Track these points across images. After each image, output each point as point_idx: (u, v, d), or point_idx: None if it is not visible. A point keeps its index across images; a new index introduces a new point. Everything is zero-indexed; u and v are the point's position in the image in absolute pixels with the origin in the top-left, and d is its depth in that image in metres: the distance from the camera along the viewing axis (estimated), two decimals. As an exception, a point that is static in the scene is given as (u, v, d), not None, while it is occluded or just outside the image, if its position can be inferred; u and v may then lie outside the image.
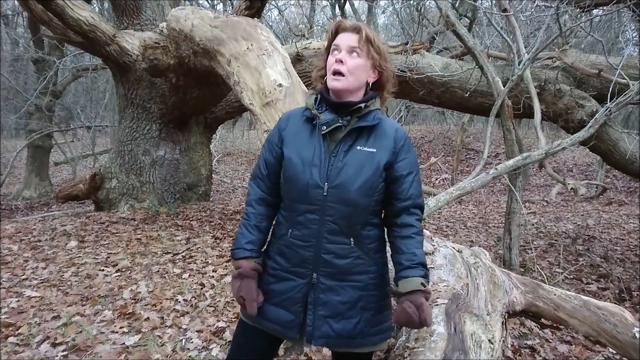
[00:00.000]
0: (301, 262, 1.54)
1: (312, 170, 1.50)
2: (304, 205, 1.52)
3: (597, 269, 4.99)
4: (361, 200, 1.50)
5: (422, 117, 22.46)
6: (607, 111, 4.13)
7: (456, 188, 3.64)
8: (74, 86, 16.38)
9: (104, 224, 5.58)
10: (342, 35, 1.54)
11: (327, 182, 1.49)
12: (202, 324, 3.09)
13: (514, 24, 4.71)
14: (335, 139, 1.53)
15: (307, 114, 1.58)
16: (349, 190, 1.48)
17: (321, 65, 1.62)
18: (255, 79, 3.54)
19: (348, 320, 1.54)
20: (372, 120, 1.53)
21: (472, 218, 7.95)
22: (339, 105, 1.54)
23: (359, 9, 16.39)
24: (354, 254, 1.53)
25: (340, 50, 1.52)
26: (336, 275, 1.53)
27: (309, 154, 1.52)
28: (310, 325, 1.54)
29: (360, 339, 1.56)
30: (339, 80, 1.50)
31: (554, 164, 12.97)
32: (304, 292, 1.55)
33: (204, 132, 7.19)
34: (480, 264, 2.44)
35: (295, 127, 1.59)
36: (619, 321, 2.20)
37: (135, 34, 6.04)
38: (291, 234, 1.55)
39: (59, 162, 14.01)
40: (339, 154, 1.51)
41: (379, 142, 1.53)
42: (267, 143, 1.64)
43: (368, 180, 1.50)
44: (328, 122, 1.52)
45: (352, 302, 1.54)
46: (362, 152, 1.51)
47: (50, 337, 2.84)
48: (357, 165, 1.49)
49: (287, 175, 1.55)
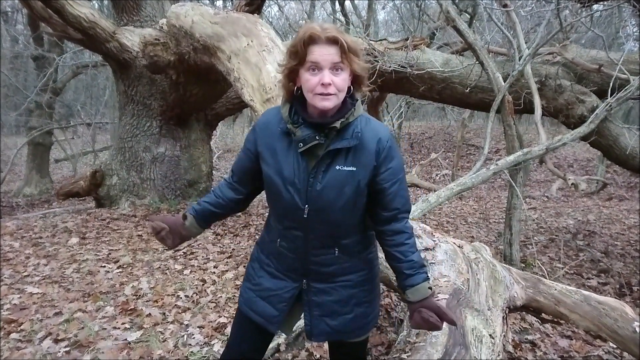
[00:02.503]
0: (291, 269, 1.59)
1: (291, 192, 1.45)
2: (288, 222, 1.53)
3: (598, 264, 5.00)
4: (344, 218, 1.49)
5: (423, 113, 22.46)
6: (607, 106, 4.13)
7: (457, 184, 3.65)
8: (74, 83, 16.37)
9: (105, 221, 5.59)
10: (316, 48, 1.35)
11: (308, 205, 1.45)
12: (203, 320, 3.10)
13: (515, 19, 4.70)
14: (313, 155, 1.44)
15: (282, 127, 1.47)
16: (331, 212, 1.46)
17: (288, 73, 1.44)
18: (255, 76, 3.53)
19: (343, 316, 1.59)
20: (351, 138, 1.42)
21: (473, 214, 7.95)
22: (309, 122, 1.43)
23: (359, 5, 16.32)
24: (339, 260, 1.55)
25: (321, 68, 1.35)
26: (326, 279, 1.57)
27: (289, 173, 1.45)
28: (308, 324, 1.61)
29: (357, 331, 1.63)
30: (329, 99, 1.37)
31: (554, 159, 12.97)
32: (292, 294, 1.59)
33: (205, 129, 7.19)
34: (481, 259, 2.45)
35: (272, 139, 1.49)
36: (619, 316, 2.21)
37: (135, 30, 6.03)
38: (279, 243, 1.58)
39: (59, 159, 14.02)
40: (317, 174, 1.43)
41: (359, 160, 1.43)
42: (245, 144, 1.58)
43: (349, 200, 1.45)
44: (305, 139, 1.41)
45: (344, 300, 1.58)
46: (341, 172, 1.43)
47: (53, 333, 2.85)
48: (338, 185, 1.43)
49: (270, 192, 1.53)
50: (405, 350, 1.78)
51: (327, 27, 1.37)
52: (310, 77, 1.37)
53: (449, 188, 3.57)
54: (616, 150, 5.02)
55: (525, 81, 4.78)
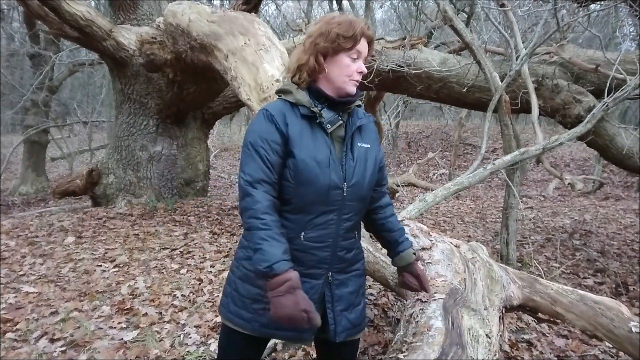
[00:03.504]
0: (317, 263, 1.51)
1: (330, 172, 1.46)
2: (321, 206, 1.47)
3: (594, 263, 5.01)
4: (369, 194, 1.59)
5: (420, 112, 22.49)
6: (604, 106, 4.14)
7: (454, 183, 3.65)
8: (70, 81, 16.32)
9: (101, 220, 5.57)
10: (362, 42, 1.51)
11: (346, 182, 1.49)
12: (200, 319, 3.10)
13: (512, 19, 4.70)
14: (336, 137, 1.52)
15: (304, 112, 1.47)
16: (362, 187, 1.53)
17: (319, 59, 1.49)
18: (252, 75, 3.52)
19: (356, 308, 1.61)
20: (365, 117, 1.59)
21: (470, 213, 7.96)
22: (338, 103, 1.52)
23: (357, 3, 16.34)
24: (356, 245, 1.62)
25: (359, 58, 1.52)
26: (344, 269, 1.59)
27: (324, 156, 1.45)
28: (332, 323, 1.54)
29: (363, 324, 1.67)
30: (356, 85, 1.54)
31: (551, 159, 13.00)
32: (320, 293, 1.53)
33: (201, 128, 7.18)
34: (477, 259, 2.45)
35: (296, 126, 1.46)
36: (615, 315, 2.21)
37: (132, 29, 6.01)
38: (305, 236, 1.48)
39: (55, 158, 13.98)
40: (347, 152, 1.52)
41: (369, 137, 1.60)
42: (266, 143, 1.43)
43: (373, 175, 1.57)
44: (331, 120, 1.49)
45: (357, 290, 1.62)
46: (362, 149, 1.55)
47: (49, 332, 2.84)
48: (364, 161, 1.54)
49: (303, 179, 1.44)
50: (401, 350, 1.77)
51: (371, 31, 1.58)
52: (350, 63, 1.51)
53: (446, 187, 3.57)
54: (612, 150, 5.03)
55: (522, 81, 4.78)
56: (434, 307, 1.89)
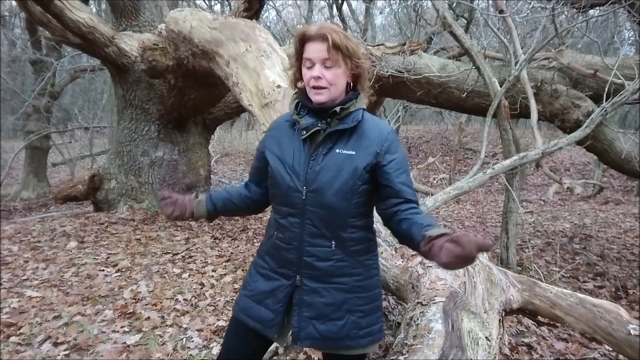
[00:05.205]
0: (286, 263, 1.57)
1: (291, 175, 1.52)
2: (285, 208, 1.55)
3: (594, 267, 5.03)
4: (339, 203, 1.49)
5: (420, 117, 22.52)
6: (602, 111, 4.17)
7: (454, 187, 3.68)
8: (71, 87, 16.40)
9: (103, 225, 5.59)
10: (310, 45, 1.48)
11: (306, 186, 1.50)
12: (202, 323, 3.12)
13: (511, 24, 4.74)
14: (317, 142, 1.53)
15: (289, 120, 1.61)
16: (325, 194, 1.48)
17: (295, 70, 1.60)
18: (254, 80, 3.56)
19: (333, 322, 1.53)
20: (350, 122, 1.51)
21: (470, 217, 7.98)
22: (318, 110, 1.53)
23: (357, 9, 16.40)
24: (335, 256, 1.52)
25: (314, 63, 1.48)
26: (319, 278, 1.53)
27: (289, 159, 1.54)
28: (296, 326, 1.56)
29: (347, 341, 1.54)
30: (322, 93, 1.49)
31: (550, 163, 13.02)
32: (286, 293, 1.57)
33: (203, 133, 7.20)
34: (477, 262, 2.47)
35: (280, 133, 1.62)
36: (614, 318, 2.23)
37: (133, 35, 6.05)
38: (276, 236, 1.59)
39: (56, 163, 13.98)
40: (317, 157, 1.51)
41: (359, 144, 1.50)
42: (257, 151, 1.71)
43: (346, 184, 1.48)
44: (307, 126, 1.52)
45: (336, 305, 1.53)
46: (341, 155, 1.50)
47: (52, 336, 2.86)
48: (335, 168, 1.48)
49: (272, 181, 1.60)
50: (402, 353, 1.79)
51: (323, 25, 1.48)
52: (306, 72, 1.51)
53: (446, 192, 3.60)
54: (611, 154, 5.06)
55: (521, 86, 4.82)
56: (434, 310, 1.92)
